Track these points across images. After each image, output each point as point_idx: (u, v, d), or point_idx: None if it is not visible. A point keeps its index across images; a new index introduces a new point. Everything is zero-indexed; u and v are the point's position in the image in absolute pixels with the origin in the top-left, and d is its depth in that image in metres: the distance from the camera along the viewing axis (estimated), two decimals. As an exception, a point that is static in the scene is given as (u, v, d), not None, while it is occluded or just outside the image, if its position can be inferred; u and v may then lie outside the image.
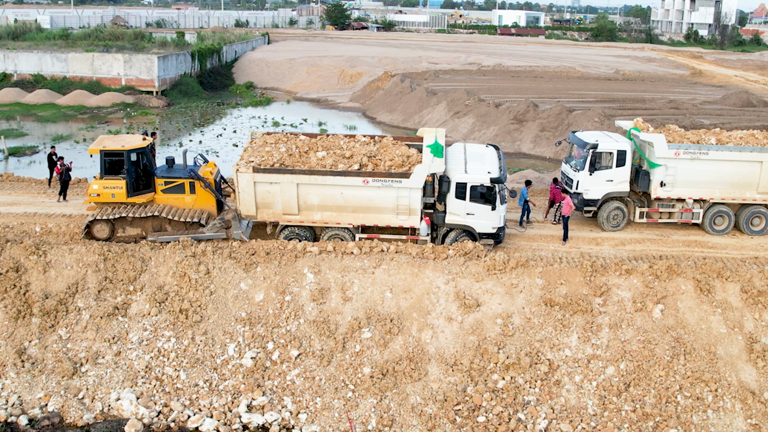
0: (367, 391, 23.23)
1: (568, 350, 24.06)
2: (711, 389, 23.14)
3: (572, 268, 25.65)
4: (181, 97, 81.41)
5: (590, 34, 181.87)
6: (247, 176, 26.01)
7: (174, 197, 27.49)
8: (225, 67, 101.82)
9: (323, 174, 25.88)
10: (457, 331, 24.35)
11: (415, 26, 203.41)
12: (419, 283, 25.31)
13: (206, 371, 23.88)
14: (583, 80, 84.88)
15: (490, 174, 26.14)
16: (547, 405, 23.00)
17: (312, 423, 22.76)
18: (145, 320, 24.88)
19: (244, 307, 25.12)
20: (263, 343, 24.41)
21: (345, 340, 24.33)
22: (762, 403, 22.93)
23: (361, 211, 26.53)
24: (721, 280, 25.30)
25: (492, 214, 26.42)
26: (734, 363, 23.81)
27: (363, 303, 25.03)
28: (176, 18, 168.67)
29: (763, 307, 24.76)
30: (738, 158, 28.87)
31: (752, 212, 29.63)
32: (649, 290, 25.03)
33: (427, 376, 23.59)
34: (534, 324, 24.47)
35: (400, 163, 26.34)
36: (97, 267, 25.71)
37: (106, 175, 26.99)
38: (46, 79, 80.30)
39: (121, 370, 23.91)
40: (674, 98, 68.42)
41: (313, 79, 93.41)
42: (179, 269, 25.59)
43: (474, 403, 22.86)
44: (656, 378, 23.42)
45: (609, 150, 29.04)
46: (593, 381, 23.49)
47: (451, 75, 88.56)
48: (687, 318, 24.58)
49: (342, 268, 25.70)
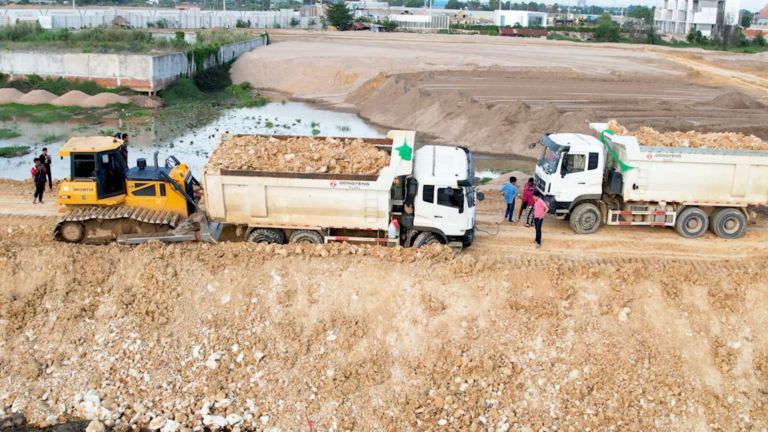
0: (329, 393, 23.23)
1: (532, 353, 24.02)
2: (674, 393, 23.08)
3: (539, 271, 25.61)
4: (176, 98, 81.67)
5: (593, 35, 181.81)
6: (215, 178, 26.06)
7: (145, 199, 27.56)
8: (222, 67, 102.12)
9: (291, 176, 25.91)
10: (422, 334, 24.34)
11: (417, 27, 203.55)
12: (386, 286, 25.31)
13: (170, 373, 23.93)
14: (579, 81, 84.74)
15: (458, 176, 26.12)
16: (509, 408, 22.97)
17: (273, 425, 22.78)
18: (112, 322, 24.95)
19: (211, 309, 25.16)
20: (228, 345, 24.44)
21: (310, 343, 24.35)
22: (725, 408, 22.87)
23: (329, 214, 26.54)
24: (688, 283, 25.24)
25: (460, 217, 26.40)
26: (699, 367, 23.74)
27: (329, 305, 25.05)
28: (178, 18, 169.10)
29: (730, 311, 24.69)
30: (711, 161, 28.80)
31: (726, 215, 29.54)
32: (615, 293, 24.99)
33: (390, 378, 23.58)
34: (499, 327, 24.45)
35: (368, 166, 26.34)
36: (66, 269, 25.78)
37: (76, 177, 27.08)
38: (42, 80, 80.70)
39: (85, 372, 23.97)
40: (667, 99, 68.30)
41: (309, 80, 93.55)
42: (147, 271, 25.65)
43: (436, 406, 22.83)
44: (620, 382, 23.37)
45: (581, 152, 28.99)
46: (556, 384, 23.44)
47: (446, 76, 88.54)
48: (653, 321, 24.52)
49: (309, 270, 25.73)
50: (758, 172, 28.98)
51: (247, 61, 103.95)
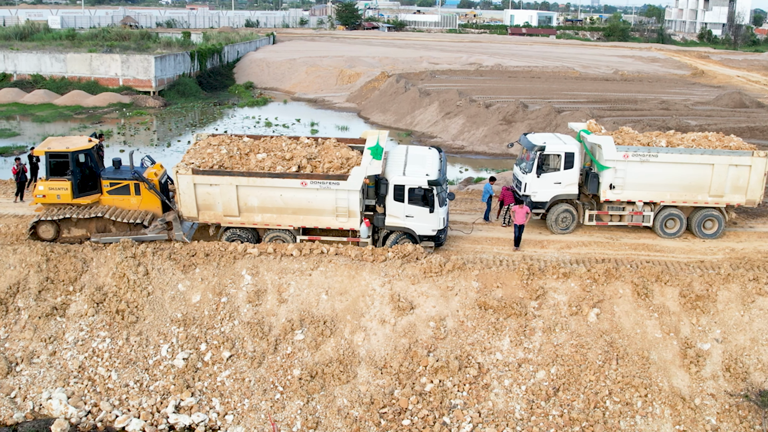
0: (294, 393, 23.25)
1: (499, 354, 23.94)
2: (641, 395, 22.95)
3: (509, 271, 25.52)
4: (178, 98, 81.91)
5: (602, 34, 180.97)
6: (186, 178, 26.12)
7: (120, 198, 27.67)
8: (226, 67, 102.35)
9: (261, 176, 25.94)
10: (390, 334, 24.32)
11: (426, 26, 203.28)
12: (355, 286, 25.30)
13: (138, 372, 24.02)
14: (580, 81, 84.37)
15: (428, 176, 26.07)
16: (473, 409, 22.91)
17: (238, 425, 22.83)
18: (82, 320, 25.07)
19: (181, 308, 25.23)
20: (196, 344, 24.51)
21: (277, 342, 24.38)
22: (692, 410, 22.72)
23: (301, 213, 26.55)
24: (659, 284, 25.08)
25: (431, 217, 26.35)
26: (667, 368, 23.59)
27: (298, 305, 25.07)
28: (186, 18, 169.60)
29: (701, 312, 24.52)
30: (688, 161, 28.60)
31: (704, 215, 29.33)
32: (586, 294, 24.86)
33: (355, 378, 23.57)
34: (467, 327, 24.38)
35: (339, 166, 26.33)
36: (40, 267, 25.93)
37: (51, 177, 27.22)
38: (45, 80, 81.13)
39: (54, 370, 24.11)
40: (667, 99, 67.86)
41: (311, 80, 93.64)
42: (119, 270, 25.75)
43: (400, 406, 22.80)
44: (586, 383, 23.26)
45: (556, 152, 28.87)
46: (522, 385, 23.35)
47: (448, 75, 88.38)
48: (622, 322, 24.38)
49: (280, 269, 25.75)
50: (737, 172, 28.75)
51: (251, 60, 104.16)
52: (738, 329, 24.20)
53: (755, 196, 29.11)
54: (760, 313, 24.40)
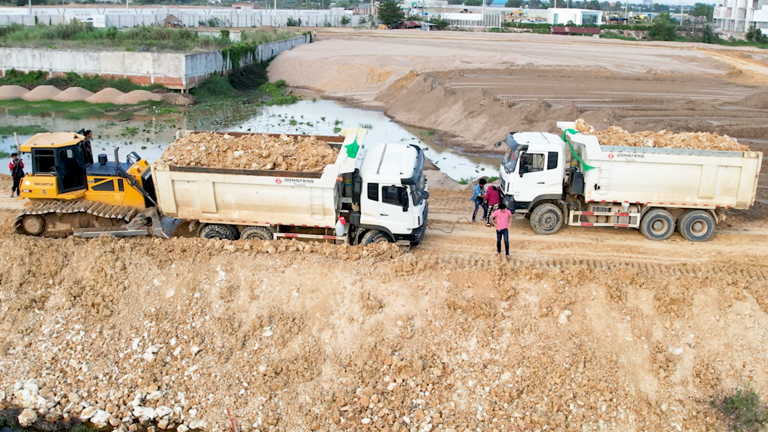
0: (258, 389, 23.37)
1: (465, 354, 23.73)
2: (606, 399, 22.52)
3: (481, 271, 25.29)
4: (208, 95, 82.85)
5: (648, 33, 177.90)
6: (164, 174, 26.45)
7: (104, 194, 28.14)
8: (260, 65, 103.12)
9: (237, 173, 26.14)
10: (357, 332, 24.28)
11: (469, 25, 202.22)
12: (327, 283, 25.33)
13: (108, 364, 24.40)
14: (611, 80, 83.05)
15: (402, 175, 25.96)
16: (435, 409, 22.74)
17: (200, 419, 23.04)
18: (59, 313, 25.56)
19: (154, 303, 25.56)
20: (167, 338, 24.80)
21: (246, 338, 24.54)
22: (657, 415, 22.24)
23: (277, 210, 26.69)
24: (634, 286, 24.60)
25: (405, 215, 26.24)
26: (636, 372, 23.12)
27: (269, 301, 25.19)
28: (229, 17, 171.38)
29: (675, 316, 23.98)
30: (676, 161, 27.99)
31: (693, 217, 28.68)
32: (558, 295, 24.50)
33: (319, 375, 23.60)
34: (434, 327, 24.22)
35: (314, 163, 26.39)
36: (23, 261, 26.52)
37: (37, 172, 27.79)
38: (79, 77, 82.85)
39: (28, 361, 24.62)
40: (695, 99, 66.39)
41: (342, 78, 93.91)
42: (97, 264, 26.20)
43: (361, 405, 22.76)
44: (551, 385, 22.92)
45: (540, 152, 28.50)
46: (486, 386, 23.11)
47: (477, 74, 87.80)
48: (593, 325, 23.97)
49: (254, 266, 25.92)
50: (726, 173, 28.03)
51: (285, 59, 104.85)
52: (712, 334, 23.61)
53: (746, 197, 28.36)
54: (736, 318, 23.76)
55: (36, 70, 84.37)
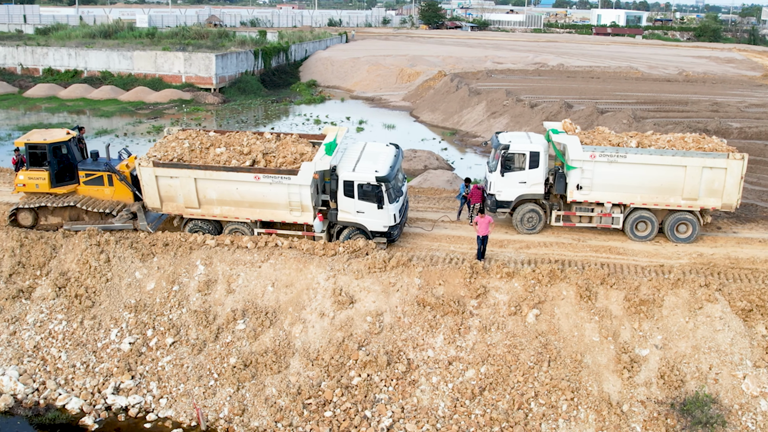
0: (227, 380, 23.90)
1: (431, 351, 23.95)
2: (567, 398, 22.55)
3: (453, 269, 25.47)
4: (238, 95, 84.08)
5: (692, 34, 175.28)
6: (148, 170, 27.15)
7: (95, 189, 28.98)
8: (292, 65, 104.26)
9: (217, 169, 26.70)
10: (327, 327, 24.66)
11: (510, 26, 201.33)
12: (302, 279, 25.77)
13: (86, 353, 25.17)
14: (640, 81, 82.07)
15: (377, 173, 26.24)
16: (397, 404, 23.01)
17: (169, 408, 23.65)
18: (44, 303, 26.43)
19: (135, 295, 26.28)
20: (144, 329, 25.49)
21: (219, 331, 25.10)
22: (617, 416, 22.18)
23: (257, 207, 27.19)
24: (605, 287, 24.55)
25: (381, 213, 26.51)
26: (600, 373, 23.09)
27: (244, 295, 25.72)
28: (270, 17, 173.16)
29: (644, 317, 23.88)
30: (659, 162, 27.77)
31: (677, 219, 28.45)
32: (528, 294, 24.57)
33: (287, 369, 24.03)
34: (403, 323, 24.49)
35: (292, 161, 26.84)
36: (14, 252, 27.48)
37: (30, 167, 28.73)
38: (113, 76, 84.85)
39: (12, 349, 25.51)
40: (722, 101, 65.41)
41: (372, 78, 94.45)
42: (83, 257, 27.03)
43: (325, 398, 23.13)
44: (514, 383, 23.02)
45: (521, 151, 28.53)
46: (450, 383, 23.29)
47: (505, 75, 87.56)
48: (561, 324, 24.00)
49: (232, 261, 26.48)
50: (711, 175, 27.74)
51: (317, 59, 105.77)
52: (681, 336, 23.46)
53: (732, 199, 28.01)
54: (706, 321, 23.57)
55: (72, 68, 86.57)
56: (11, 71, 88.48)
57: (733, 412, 22.03)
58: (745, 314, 23.68)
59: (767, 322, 23.64)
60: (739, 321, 23.59)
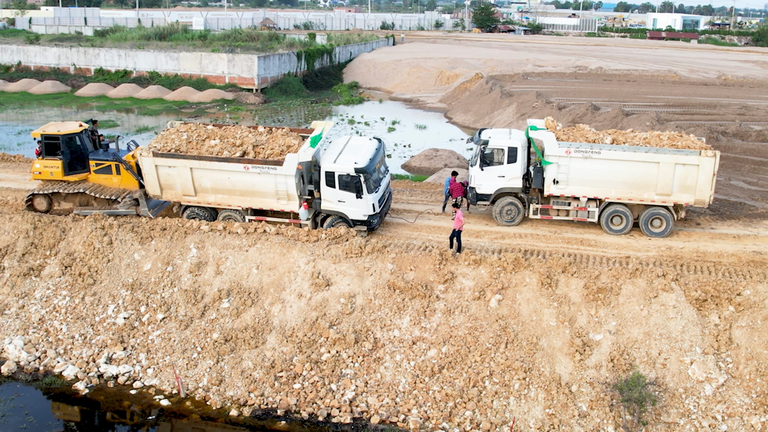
0: (208, 353, 25.85)
1: (397, 331, 25.51)
2: (520, 377, 23.85)
3: (424, 255, 26.97)
4: (279, 95, 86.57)
5: (751, 39, 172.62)
6: (148, 160, 29.34)
7: (104, 177, 31.32)
8: (336, 67, 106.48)
9: (210, 159, 28.74)
10: (303, 307, 26.41)
11: (564, 29, 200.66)
12: (284, 262, 27.58)
13: (85, 326, 27.41)
14: (676, 84, 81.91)
15: (356, 164, 27.91)
16: (361, 379, 24.63)
17: (155, 377, 25.70)
18: (51, 281, 28.79)
19: (132, 275, 28.45)
20: (138, 306, 27.61)
21: (206, 309, 27.07)
22: (566, 395, 23.40)
23: (247, 195, 29.13)
24: (566, 275, 25.76)
25: (360, 202, 28.17)
26: (554, 355, 24.33)
27: (231, 277, 27.65)
28: (323, 20, 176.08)
29: (601, 304, 25.01)
30: (633, 158, 28.82)
31: (651, 213, 29.44)
32: (492, 280, 25.93)
33: (264, 344, 25.85)
34: (373, 305, 26.09)
35: (279, 152, 28.70)
36: (28, 234, 29.94)
37: (46, 156, 31.22)
38: (160, 76, 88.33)
39: (19, 321, 27.91)
40: (751, 104, 65.26)
41: (412, 80, 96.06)
42: (89, 239, 29.32)
43: (295, 372, 24.90)
44: (471, 363, 24.42)
45: (500, 147, 29.89)
46: (412, 361, 24.82)
47: (540, 77, 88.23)
48: (521, 309, 25.29)
49: (223, 245, 28.45)
50: (684, 171, 28.67)
51: (360, 61, 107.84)
52: (634, 322, 24.53)
53: (704, 195, 28.90)
54: (660, 309, 24.60)
55: (121, 69, 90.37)
56: (65, 71, 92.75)
57: (677, 396, 23.06)
58: (699, 304, 24.63)
59: (720, 312, 24.56)
60: (692, 310, 24.56)
